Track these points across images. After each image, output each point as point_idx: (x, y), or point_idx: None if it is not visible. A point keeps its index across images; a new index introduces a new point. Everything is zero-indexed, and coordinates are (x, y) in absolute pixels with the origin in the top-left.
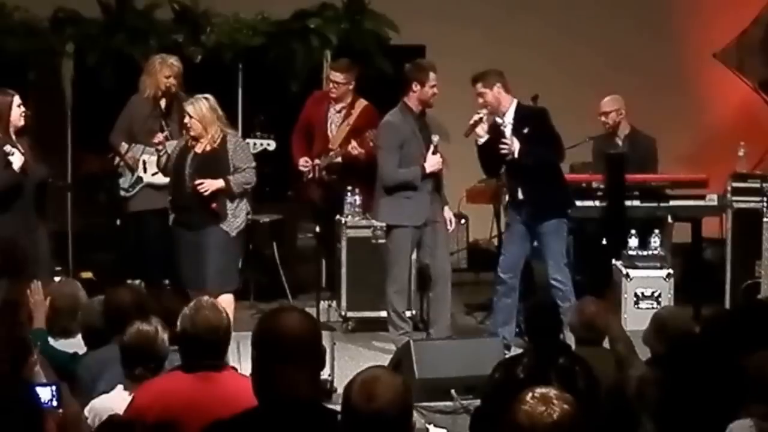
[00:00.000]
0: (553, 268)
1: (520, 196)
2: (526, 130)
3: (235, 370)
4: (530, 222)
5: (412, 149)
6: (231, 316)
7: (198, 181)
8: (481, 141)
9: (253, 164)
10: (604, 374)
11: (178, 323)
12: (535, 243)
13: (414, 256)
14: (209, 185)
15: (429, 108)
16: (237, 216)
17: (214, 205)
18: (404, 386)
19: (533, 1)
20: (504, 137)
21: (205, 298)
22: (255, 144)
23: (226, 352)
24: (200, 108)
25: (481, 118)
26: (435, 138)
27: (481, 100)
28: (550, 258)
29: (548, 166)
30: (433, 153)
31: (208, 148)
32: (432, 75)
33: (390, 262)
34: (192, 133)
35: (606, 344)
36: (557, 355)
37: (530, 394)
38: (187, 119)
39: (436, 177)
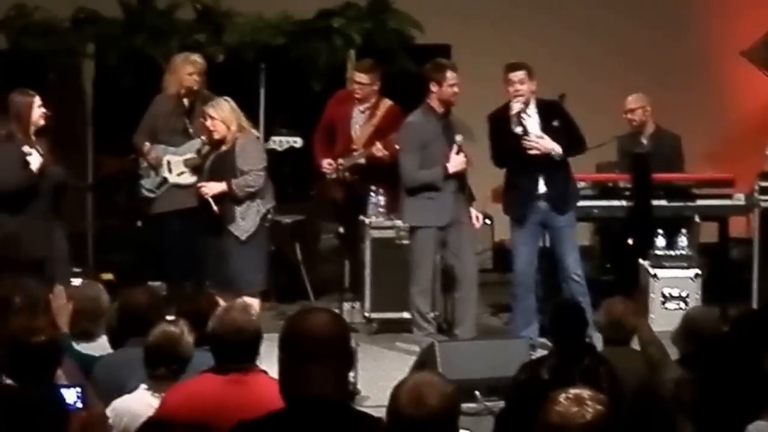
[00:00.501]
0: (573, 263)
1: (542, 188)
2: (555, 123)
3: (266, 373)
4: (550, 215)
5: (435, 150)
6: None
7: (200, 184)
8: (519, 130)
9: (260, 167)
10: (632, 374)
11: (209, 325)
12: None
13: (439, 256)
14: (210, 188)
15: (451, 107)
16: (245, 219)
17: (215, 208)
18: (454, 392)
19: None
20: (527, 133)
21: (238, 300)
22: (281, 142)
23: (255, 354)
24: (223, 109)
25: (519, 109)
26: (458, 138)
27: (519, 87)
28: (570, 252)
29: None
30: (457, 153)
31: (224, 149)
32: (450, 74)
33: (413, 263)
34: (216, 136)
35: (634, 344)
36: (581, 356)
37: (563, 395)
38: (209, 122)
39: (460, 177)
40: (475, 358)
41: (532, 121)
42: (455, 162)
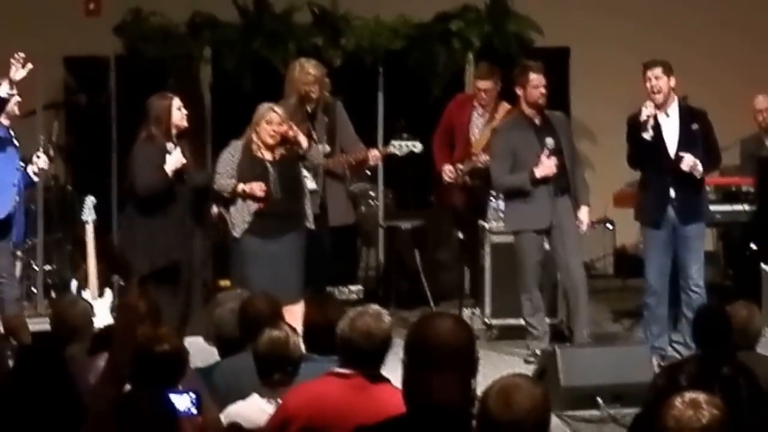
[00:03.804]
0: (696, 274)
1: (672, 195)
2: (694, 126)
3: (390, 382)
4: (678, 223)
5: (525, 154)
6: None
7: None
8: (648, 137)
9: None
10: (761, 379)
11: (338, 327)
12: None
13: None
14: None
15: (541, 109)
16: None
17: None
18: (544, 396)
19: None
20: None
21: (373, 306)
22: (401, 146)
23: (383, 360)
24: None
25: (649, 114)
26: (549, 141)
27: (655, 83)
28: (695, 263)
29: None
30: (548, 157)
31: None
32: (533, 75)
33: (518, 269)
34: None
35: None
36: (722, 363)
37: (679, 399)
38: (286, 126)
39: (558, 180)
40: (597, 365)
41: (670, 121)
42: (544, 166)
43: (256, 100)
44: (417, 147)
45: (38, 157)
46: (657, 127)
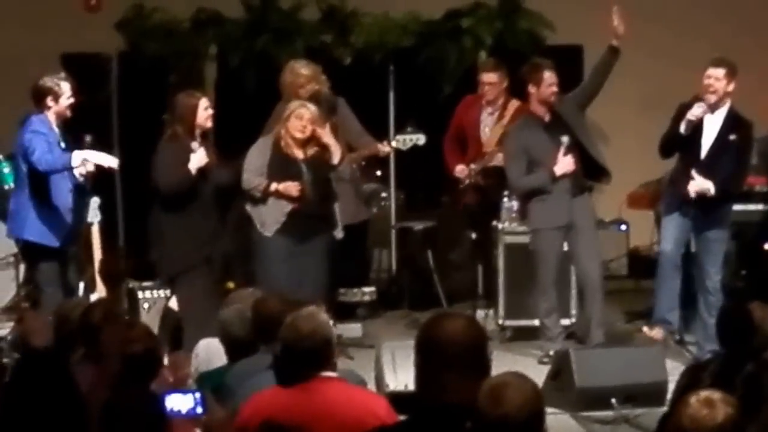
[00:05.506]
0: (716, 277)
1: (693, 195)
2: (732, 137)
3: (340, 379)
4: (700, 224)
5: (540, 153)
6: None
7: None
8: (683, 132)
9: None
10: None
11: (279, 334)
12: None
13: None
14: None
15: (549, 107)
16: None
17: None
18: (535, 392)
19: None
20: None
21: (309, 307)
22: (405, 140)
23: (324, 361)
24: None
25: (698, 116)
26: (564, 139)
27: (712, 83)
28: (713, 266)
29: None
30: (564, 154)
31: (313, 153)
32: (547, 74)
33: (535, 268)
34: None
35: None
36: (745, 362)
37: (694, 398)
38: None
39: (574, 177)
40: (611, 366)
41: (713, 125)
42: (563, 164)
43: (262, 99)
44: (420, 140)
45: (87, 160)
46: (699, 128)
